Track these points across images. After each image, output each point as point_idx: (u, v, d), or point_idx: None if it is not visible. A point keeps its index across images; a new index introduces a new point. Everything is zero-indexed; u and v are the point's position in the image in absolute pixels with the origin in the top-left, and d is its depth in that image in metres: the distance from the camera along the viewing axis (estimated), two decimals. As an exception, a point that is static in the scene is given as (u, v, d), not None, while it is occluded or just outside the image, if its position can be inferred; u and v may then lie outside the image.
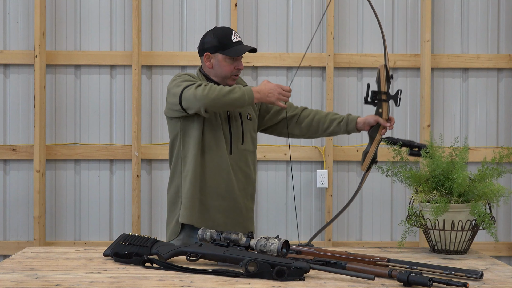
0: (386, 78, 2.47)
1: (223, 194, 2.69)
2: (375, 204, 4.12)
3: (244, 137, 2.74)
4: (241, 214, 2.73)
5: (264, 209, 4.08)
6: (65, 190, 4.07)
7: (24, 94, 4.05)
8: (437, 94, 4.12)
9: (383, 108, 2.63)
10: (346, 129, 2.80)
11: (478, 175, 2.55)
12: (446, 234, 2.46)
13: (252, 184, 2.80)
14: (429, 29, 3.99)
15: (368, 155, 2.69)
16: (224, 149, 2.67)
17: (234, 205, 2.71)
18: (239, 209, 2.73)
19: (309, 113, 2.86)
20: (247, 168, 2.75)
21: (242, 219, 2.74)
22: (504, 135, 4.13)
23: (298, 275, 1.95)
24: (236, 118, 2.73)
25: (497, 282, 1.99)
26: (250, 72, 4.07)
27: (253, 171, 2.79)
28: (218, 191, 2.68)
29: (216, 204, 2.68)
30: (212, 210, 2.68)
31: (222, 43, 2.68)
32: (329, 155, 4.02)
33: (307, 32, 4.11)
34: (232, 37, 2.70)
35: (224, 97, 2.53)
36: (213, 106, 2.53)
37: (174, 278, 1.99)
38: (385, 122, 2.70)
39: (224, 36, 2.70)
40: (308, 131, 2.87)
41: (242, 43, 2.73)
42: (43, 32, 3.94)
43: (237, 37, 2.72)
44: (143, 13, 4.06)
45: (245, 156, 2.74)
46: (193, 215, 2.66)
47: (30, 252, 2.45)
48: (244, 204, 2.75)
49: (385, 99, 2.59)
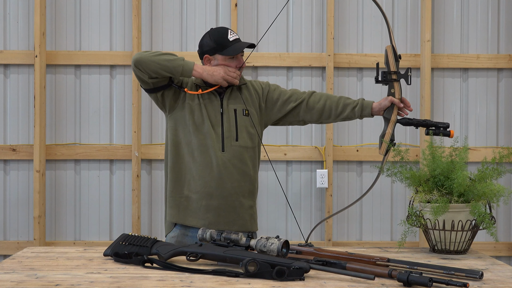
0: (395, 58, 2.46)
1: (212, 192, 2.67)
2: (375, 204, 4.12)
3: (238, 133, 2.72)
4: (235, 212, 2.70)
5: (264, 209, 4.08)
6: (65, 190, 4.07)
7: (24, 94, 4.05)
8: (437, 94, 4.13)
9: (395, 88, 2.60)
10: (361, 114, 2.75)
11: (478, 175, 2.55)
12: (446, 234, 2.46)
13: (250, 181, 2.75)
14: (429, 29, 3.99)
15: (385, 137, 2.66)
16: (215, 147, 2.67)
17: (225, 203, 2.69)
18: (232, 207, 2.70)
19: (320, 97, 2.80)
20: (243, 165, 2.72)
21: (236, 217, 2.71)
22: (504, 135, 4.13)
23: (298, 275, 1.95)
24: (229, 115, 2.72)
25: (497, 282, 1.99)
26: (250, 72, 4.07)
27: (251, 167, 2.75)
28: (206, 190, 2.67)
29: (205, 203, 2.67)
30: (201, 209, 2.68)
31: (219, 43, 2.69)
32: (329, 155, 4.02)
33: (307, 32, 4.11)
34: (229, 36, 2.70)
35: (157, 57, 2.61)
36: (142, 62, 2.60)
37: (174, 278, 1.99)
38: (399, 102, 2.67)
39: (221, 37, 2.70)
40: (320, 117, 2.81)
41: (239, 40, 2.73)
42: (43, 32, 3.94)
43: (234, 36, 2.72)
44: (143, 13, 4.06)
45: (240, 153, 2.72)
46: (179, 213, 2.69)
47: (30, 252, 2.45)
48: (239, 201, 2.71)
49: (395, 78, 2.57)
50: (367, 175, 4.11)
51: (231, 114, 2.72)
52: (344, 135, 4.10)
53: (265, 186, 4.08)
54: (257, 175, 2.82)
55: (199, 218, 2.68)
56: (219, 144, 2.68)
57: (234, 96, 2.77)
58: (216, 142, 2.68)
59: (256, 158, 2.80)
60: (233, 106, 2.74)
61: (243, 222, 2.72)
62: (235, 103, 2.75)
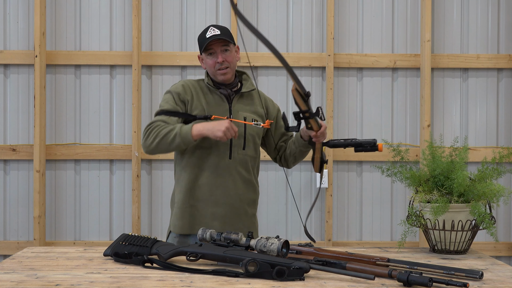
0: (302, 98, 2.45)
1: (218, 200, 2.66)
2: (375, 204, 4.12)
3: (246, 142, 2.69)
4: (240, 220, 2.70)
5: (264, 209, 4.08)
6: (65, 190, 4.07)
7: (24, 94, 4.05)
8: (437, 94, 4.13)
9: (311, 123, 2.56)
10: (298, 144, 2.72)
11: (478, 175, 2.55)
12: (446, 234, 2.46)
13: (253, 190, 2.75)
14: (429, 29, 3.99)
15: (316, 161, 2.67)
16: (223, 155, 2.65)
17: (231, 211, 2.67)
18: (237, 215, 2.69)
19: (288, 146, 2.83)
20: (248, 173, 2.72)
21: (241, 225, 2.70)
22: (504, 135, 4.13)
23: (298, 275, 1.95)
24: (239, 123, 2.68)
25: (497, 282, 1.99)
26: (250, 72, 4.06)
27: (254, 176, 2.75)
28: (213, 198, 2.65)
29: (211, 211, 2.66)
30: (208, 217, 2.66)
31: (200, 43, 2.70)
32: (329, 155, 4.02)
33: (307, 32, 4.11)
34: (207, 33, 2.66)
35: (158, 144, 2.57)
36: (152, 152, 2.60)
37: (174, 278, 1.99)
38: (315, 135, 2.56)
39: (202, 35, 2.69)
40: (287, 164, 2.83)
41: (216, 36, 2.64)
42: (43, 32, 3.94)
43: (212, 32, 2.66)
44: (143, 13, 4.06)
45: (246, 162, 2.70)
46: (184, 224, 2.67)
47: (30, 252, 2.45)
48: (244, 210, 2.71)
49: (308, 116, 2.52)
50: (367, 175, 4.11)
51: (241, 123, 2.67)
52: (344, 135, 4.10)
53: (265, 186, 4.08)
54: (258, 185, 2.82)
55: (206, 226, 2.65)
56: (226, 151, 2.67)
57: (243, 102, 2.73)
58: (223, 149, 2.66)
59: (257, 168, 2.80)
60: (243, 114, 2.70)
61: (247, 231, 2.71)
62: (244, 111, 2.71)
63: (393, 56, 4.08)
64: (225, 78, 2.68)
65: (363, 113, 4.12)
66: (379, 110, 4.12)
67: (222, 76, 2.68)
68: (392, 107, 4.13)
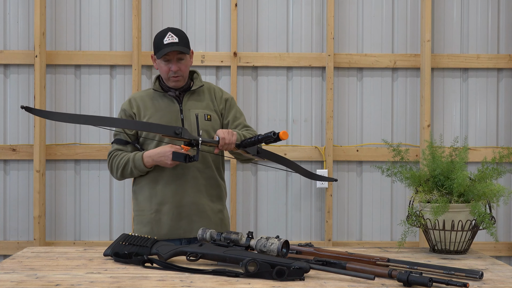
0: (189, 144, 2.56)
1: (177, 202, 2.69)
2: (375, 204, 4.12)
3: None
4: (207, 217, 2.72)
5: (264, 209, 4.08)
6: (65, 190, 4.07)
7: (24, 94, 4.05)
8: (437, 94, 4.12)
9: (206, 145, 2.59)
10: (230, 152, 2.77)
11: (478, 175, 2.55)
12: (446, 234, 2.46)
13: (217, 185, 2.78)
14: (429, 29, 3.99)
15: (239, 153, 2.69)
16: None
17: (197, 208, 2.70)
18: (204, 212, 2.72)
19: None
20: (208, 169, 2.74)
21: (208, 222, 2.72)
22: (504, 135, 4.13)
23: (298, 275, 1.95)
24: (191, 121, 2.71)
25: (497, 282, 1.99)
26: (250, 72, 4.07)
27: (216, 171, 2.77)
28: (173, 199, 2.68)
29: (177, 212, 2.69)
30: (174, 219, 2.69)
31: (156, 45, 2.71)
32: (329, 155, 4.02)
33: (307, 32, 4.11)
34: (165, 38, 2.67)
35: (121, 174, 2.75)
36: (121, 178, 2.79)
37: (174, 278, 1.99)
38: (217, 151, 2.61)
39: (159, 38, 2.70)
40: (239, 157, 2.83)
41: (175, 44, 2.66)
42: (43, 32, 3.94)
43: (171, 39, 2.67)
44: (143, 13, 4.06)
45: (205, 157, 2.72)
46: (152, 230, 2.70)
47: (30, 252, 2.45)
48: (209, 207, 2.74)
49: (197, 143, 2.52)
50: (367, 175, 4.11)
51: (193, 120, 2.71)
52: (344, 135, 4.10)
53: (265, 186, 4.08)
54: (223, 179, 2.83)
55: (174, 228, 2.68)
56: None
57: (194, 99, 2.77)
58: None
59: (219, 162, 2.81)
60: (195, 111, 2.74)
61: (214, 227, 2.72)
62: (196, 107, 2.75)
63: (393, 56, 4.08)
64: (176, 85, 2.75)
65: (363, 113, 4.12)
66: (379, 110, 4.12)
67: (174, 83, 2.74)
68: (392, 107, 4.13)
